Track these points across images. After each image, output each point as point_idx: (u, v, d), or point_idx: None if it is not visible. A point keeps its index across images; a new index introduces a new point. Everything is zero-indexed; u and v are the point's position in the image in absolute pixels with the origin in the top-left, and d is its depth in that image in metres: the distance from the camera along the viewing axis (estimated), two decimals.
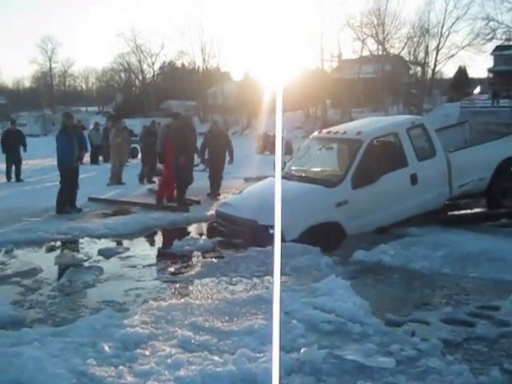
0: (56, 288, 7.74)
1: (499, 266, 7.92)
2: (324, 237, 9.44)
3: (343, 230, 9.94)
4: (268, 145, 34.20)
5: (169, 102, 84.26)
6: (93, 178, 19.17)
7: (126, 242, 10.81)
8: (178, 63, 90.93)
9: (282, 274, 7.48)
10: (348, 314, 5.79)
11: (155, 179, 18.78)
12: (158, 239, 11.69)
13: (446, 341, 5.26)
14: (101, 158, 28.17)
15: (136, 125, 35.73)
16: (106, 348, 5.12)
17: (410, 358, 4.87)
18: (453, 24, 62.02)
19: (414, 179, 10.65)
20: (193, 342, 5.22)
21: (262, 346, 5.03)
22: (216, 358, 4.79)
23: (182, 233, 11.56)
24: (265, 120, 34.53)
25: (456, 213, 12.34)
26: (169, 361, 4.79)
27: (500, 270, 7.75)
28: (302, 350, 4.95)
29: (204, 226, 12.42)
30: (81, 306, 6.95)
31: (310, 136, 12.71)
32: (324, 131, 12.37)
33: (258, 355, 4.83)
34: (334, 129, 12.18)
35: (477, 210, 12.65)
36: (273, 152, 33.48)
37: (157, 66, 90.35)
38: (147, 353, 5.03)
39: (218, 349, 5.08)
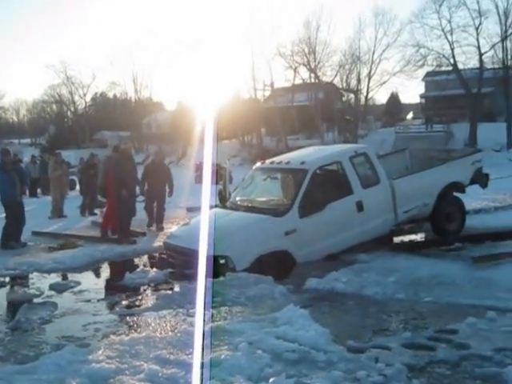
0: (12, 325, 7.70)
1: (451, 289, 8.20)
2: (274, 266, 9.58)
3: (293, 258, 10.12)
4: (212, 174, 34.24)
5: (102, 132, 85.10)
6: (33, 211, 18.89)
7: (76, 276, 10.79)
8: (110, 94, 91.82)
9: (237, 303, 7.64)
10: (311, 343, 5.90)
11: (97, 211, 19.01)
12: (109, 272, 11.68)
13: (410, 365, 5.43)
14: (39, 190, 28.08)
15: (70, 156, 35.70)
16: None
17: None
18: (383, 51, 63.84)
19: (359, 206, 10.93)
20: (160, 375, 5.26)
21: (231, 376, 5.13)
22: None
23: (132, 265, 11.67)
24: (200, 149, 34.69)
25: (411, 239, 12.88)
26: None
27: (452, 293, 8.02)
28: (271, 380, 5.05)
29: (153, 258, 12.41)
30: (41, 342, 6.91)
31: (254, 166, 12.87)
32: (267, 161, 12.57)
33: None
34: (277, 159, 12.39)
35: (423, 234, 13.09)
36: (213, 181, 33.65)
37: (89, 97, 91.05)
38: None
39: (187, 381, 5.15)
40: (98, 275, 11.41)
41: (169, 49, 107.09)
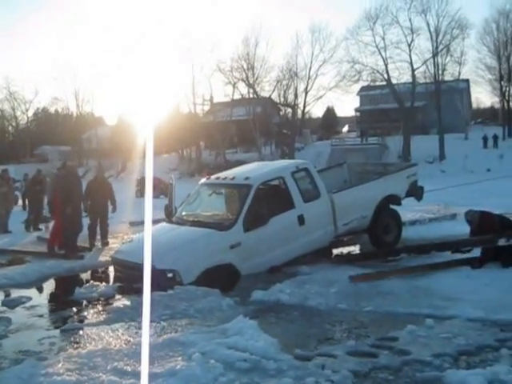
0: None
1: (390, 299, 8.58)
2: (220, 278, 9.77)
3: (238, 271, 10.35)
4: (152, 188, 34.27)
5: (43, 147, 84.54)
6: None
7: (27, 292, 10.72)
8: (52, 109, 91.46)
9: (187, 316, 7.80)
10: (261, 352, 6.15)
11: (41, 226, 18.92)
12: (59, 287, 11.68)
13: (355, 371, 5.74)
14: None
15: (10, 171, 35.19)
16: None
17: None
18: (320, 67, 65.20)
19: (301, 220, 11.25)
20: None
21: None
22: None
23: (81, 280, 11.74)
24: (140, 163, 34.65)
25: (350, 250, 13.33)
26: None
27: (391, 303, 8.39)
28: None
29: (101, 273, 12.53)
30: None
31: (200, 182, 13.06)
32: (213, 177, 12.84)
33: None
34: (222, 174, 12.68)
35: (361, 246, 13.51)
36: (157, 195, 33.54)
37: (31, 113, 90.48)
38: None
39: None
40: (48, 290, 11.41)
41: (110, 64, 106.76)
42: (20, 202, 24.06)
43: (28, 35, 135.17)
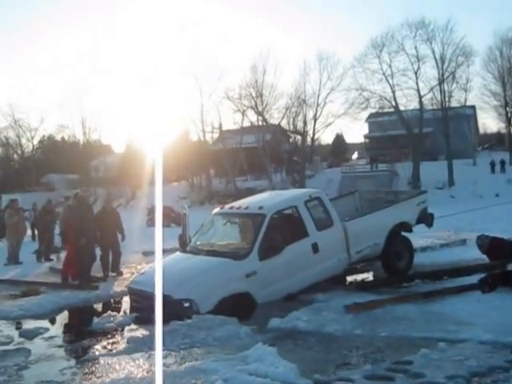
0: None
1: (404, 324, 8.78)
2: (237, 307, 9.88)
3: (254, 299, 10.50)
4: (163, 217, 34.54)
5: (50, 175, 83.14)
6: None
7: (44, 323, 10.85)
8: (58, 137, 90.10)
9: (206, 344, 8.00)
10: (281, 378, 6.38)
11: (53, 257, 18.87)
12: (76, 318, 11.79)
13: None
14: None
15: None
16: None
17: None
18: (328, 94, 65.45)
19: (315, 248, 11.45)
20: None
21: None
22: None
23: (98, 310, 11.90)
24: (150, 192, 34.75)
25: (363, 277, 13.50)
26: None
27: (405, 328, 8.59)
28: None
29: (117, 303, 12.63)
30: None
31: (213, 211, 13.21)
32: (226, 207, 13.04)
33: None
34: (235, 204, 12.85)
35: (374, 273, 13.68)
36: (168, 224, 33.75)
37: (36, 140, 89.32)
38: None
39: None
40: (65, 321, 11.54)
41: (117, 91, 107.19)
42: (29, 232, 23.80)
43: (33, 62, 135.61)
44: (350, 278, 13.24)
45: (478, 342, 7.63)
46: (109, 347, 8.79)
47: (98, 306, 12.46)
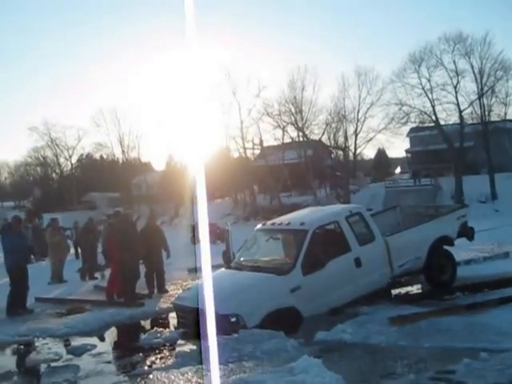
0: None
1: (447, 335, 8.90)
2: (283, 321, 9.98)
3: (299, 313, 10.60)
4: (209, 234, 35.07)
5: (90, 194, 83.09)
6: (31, 276, 18.97)
7: (91, 340, 11.05)
8: (97, 155, 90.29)
9: (254, 358, 8.19)
10: None
11: (97, 275, 19.11)
12: (123, 334, 11.99)
13: None
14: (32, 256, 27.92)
15: (58, 220, 35.59)
16: None
17: None
18: (368, 109, 65.47)
19: (358, 262, 11.54)
20: None
21: None
22: None
23: (145, 327, 12.13)
24: (193, 208, 34.97)
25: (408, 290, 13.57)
26: None
27: (449, 339, 8.72)
28: None
29: (163, 319, 12.79)
30: None
31: (255, 228, 13.37)
32: (268, 223, 13.20)
33: None
34: (277, 220, 13.05)
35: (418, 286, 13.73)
36: (212, 240, 34.01)
37: (74, 159, 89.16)
38: None
39: None
40: (112, 338, 11.77)
41: (155, 108, 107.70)
42: (72, 250, 24.14)
43: (69, 79, 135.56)
44: (394, 292, 13.31)
45: None
46: (157, 362, 9.01)
47: (145, 323, 12.66)
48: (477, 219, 14.71)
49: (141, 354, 9.53)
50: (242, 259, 12.38)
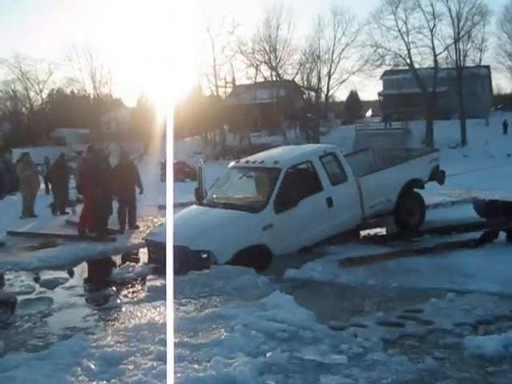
0: (14, 319, 8.07)
1: (414, 276, 9.11)
2: (253, 259, 10.12)
3: (270, 251, 10.74)
4: (177, 172, 35.26)
5: (59, 130, 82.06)
6: (1, 211, 18.49)
7: (64, 273, 11.07)
8: (68, 90, 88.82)
9: (225, 293, 8.31)
10: (298, 323, 6.68)
11: (68, 210, 19.07)
12: (95, 268, 12.02)
13: (385, 339, 6.28)
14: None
15: None
16: (92, 366, 5.72)
17: (359, 354, 5.84)
18: (342, 50, 65.11)
19: (329, 202, 11.63)
20: None
21: (232, 353, 5.84)
22: (196, 366, 5.55)
23: (117, 261, 12.18)
24: (163, 146, 34.77)
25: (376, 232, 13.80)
26: (154, 372, 5.46)
27: (416, 279, 8.93)
28: (268, 355, 5.81)
29: (134, 254, 12.87)
30: (47, 333, 7.35)
31: (229, 165, 13.42)
32: (242, 161, 13.19)
33: (230, 361, 5.61)
34: (251, 158, 12.98)
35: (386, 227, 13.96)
36: (183, 178, 33.96)
37: (45, 94, 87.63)
38: (131, 367, 5.68)
39: (194, 359, 5.81)
40: (85, 271, 11.79)
41: (128, 44, 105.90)
42: (43, 185, 23.88)
43: (41, 12, 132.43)
44: (363, 233, 13.49)
45: (485, 292, 7.94)
46: (129, 296, 9.08)
47: (116, 258, 12.68)
48: (446, 164, 14.81)
49: (113, 288, 9.58)
50: (214, 196, 12.37)
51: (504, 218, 10.90)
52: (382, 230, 14.05)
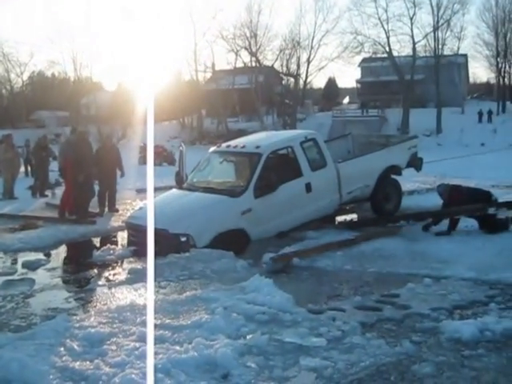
0: None
1: (391, 261, 9.21)
2: (232, 243, 10.15)
3: (248, 236, 10.79)
4: (155, 156, 35.18)
5: (39, 112, 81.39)
6: None
7: (45, 255, 11.10)
8: (49, 73, 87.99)
9: (204, 276, 8.34)
10: (277, 306, 6.77)
11: (48, 193, 19.06)
12: (76, 250, 11.98)
13: (362, 323, 6.37)
14: None
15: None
16: (75, 346, 5.75)
17: (337, 338, 5.93)
18: (322, 37, 65.19)
19: (308, 188, 11.72)
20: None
21: (213, 335, 5.90)
22: (177, 348, 5.60)
23: (97, 244, 12.17)
24: (141, 130, 34.71)
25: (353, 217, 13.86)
26: (136, 352, 5.50)
27: (393, 264, 9.02)
28: (249, 337, 5.89)
29: (115, 237, 12.92)
30: (29, 314, 7.36)
31: (210, 150, 13.39)
32: (223, 145, 13.17)
33: (211, 343, 5.67)
34: (232, 143, 13.01)
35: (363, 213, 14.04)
36: (160, 163, 33.85)
37: (26, 76, 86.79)
38: (114, 347, 5.72)
39: (175, 340, 5.85)
40: (66, 253, 11.75)
41: (109, 27, 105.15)
42: (22, 168, 23.64)
43: None
44: (339, 218, 13.55)
45: (460, 278, 8.06)
46: (111, 278, 9.10)
47: (97, 240, 12.68)
48: (420, 152, 14.92)
49: (94, 270, 9.62)
50: (194, 180, 12.38)
51: (467, 204, 10.99)
52: (358, 216, 14.11)
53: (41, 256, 11.00)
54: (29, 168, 24.06)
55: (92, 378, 5.09)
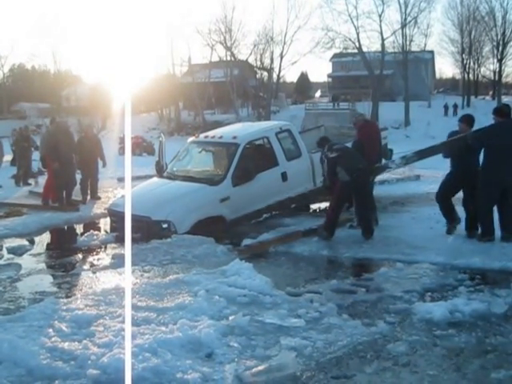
0: None
1: (365, 247, 9.27)
2: (211, 229, 10.21)
3: (226, 222, 10.88)
4: (135, 146, 35.24)
5: (21, 104, 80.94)
6: None
7: (31, 241, 11.09)
8: (29, 66, 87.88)
9: (186, 261, 8.34)
10: (258, 289, 6.81)
11: (31, 181, 19.08)
12: (61, 236, 11.98)
13: (339, 304, 6.43)
14: None
15: None
16: (64, 328, 5.74)
17: (315, 318, 5.99)
18: (295, 33, 65.25)
19: (284, 176, 11.81)
20: (136, 318, 5.92)
21: (196, 317, 5.91)
22: (163, 328, 5.60)
23: (81, 230, 12.16)
24: (120, 121, 34.62)
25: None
26: (123, 333, 5.48)
27: (367, 250, 9.09)
28: (231, 318, 5.91)
29: (98, 224, 12.96)
30: (17, 297, 7.32)
31: (188, 140, 13.39)
32: (201, 136, 13.17)
33: (195, 324, 5.68)
34: (210, 133, 13.01)
35: None
36: (140, 153, 33.74)
37: (6, 68, 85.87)
38: (101, 329, 5.70)
39: (160, 322, 5.86)
40: (51, 239, 11.68)
41: (89, 22, 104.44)
42: (6, 157, 23.30)
43: None
44: (313, 206, 13.61)
45: (430, 263, 8.13)
46: (95, 262, 9.07)
47: (81, 226, 12.67)
48: (389, 144, 15.10)
49: (79, 255, 9.61)
50: (174, 169, 12.40)
51: None
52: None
53: (26, 242, 10.98)
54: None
55: (81, 357, 5.07)
